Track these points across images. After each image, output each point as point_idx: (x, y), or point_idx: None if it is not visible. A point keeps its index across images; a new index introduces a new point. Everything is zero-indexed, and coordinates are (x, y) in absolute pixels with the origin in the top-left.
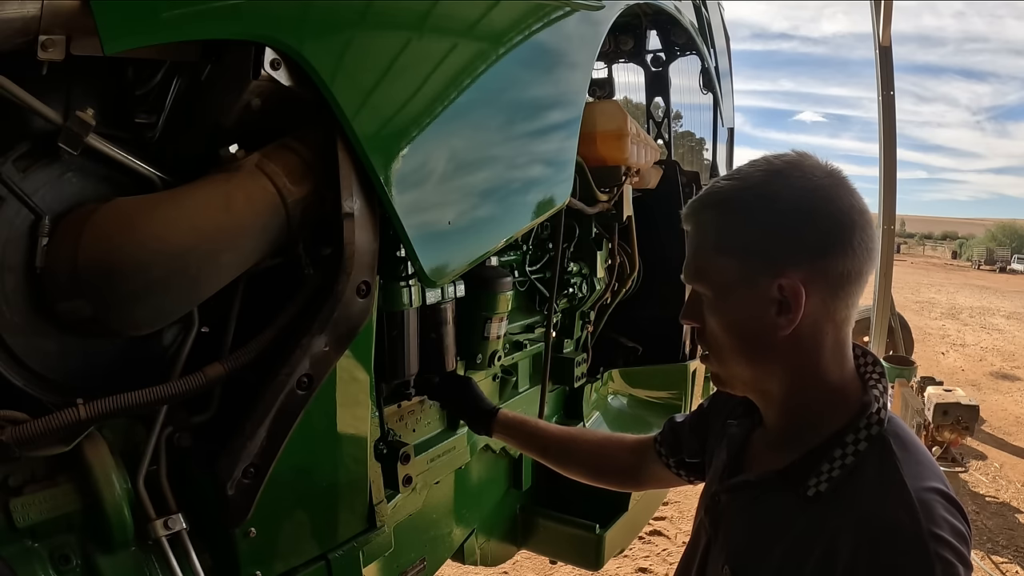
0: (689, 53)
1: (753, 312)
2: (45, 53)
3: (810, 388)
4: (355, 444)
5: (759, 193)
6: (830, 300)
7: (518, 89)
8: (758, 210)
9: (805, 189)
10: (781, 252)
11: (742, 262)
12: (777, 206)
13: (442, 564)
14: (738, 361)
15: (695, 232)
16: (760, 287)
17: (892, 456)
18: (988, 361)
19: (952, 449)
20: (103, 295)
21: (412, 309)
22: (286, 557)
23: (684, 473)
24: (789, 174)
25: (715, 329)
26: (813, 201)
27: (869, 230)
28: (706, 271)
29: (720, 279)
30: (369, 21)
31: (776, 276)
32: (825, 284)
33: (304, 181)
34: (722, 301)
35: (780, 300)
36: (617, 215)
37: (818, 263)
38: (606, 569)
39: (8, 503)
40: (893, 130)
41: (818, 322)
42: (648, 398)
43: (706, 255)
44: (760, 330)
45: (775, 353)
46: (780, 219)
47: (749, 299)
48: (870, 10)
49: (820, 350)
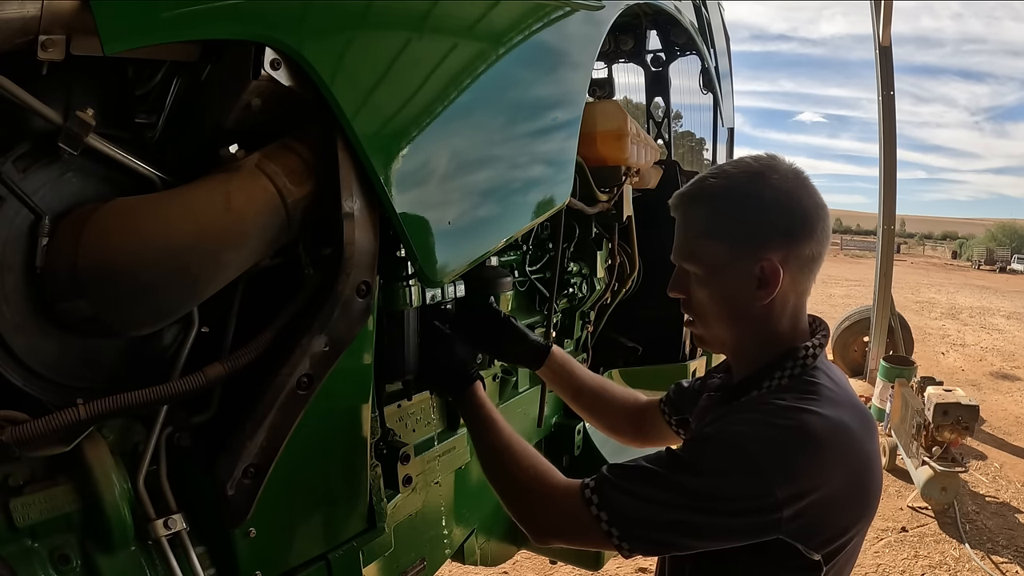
0: (689, 53)
1: (738, 286)
2: (45, 53)
3: (769, 343)
4: (355, 444)
5: (745, 191)
6: (798, 276)
7: (518, 89)
8: (744, 205)
9: (781, 188)
10: (763, 239)
11: (731, 246)
12: (760, 203)
13: (442, 564)
14: (720, 325)
15: (686, 220)
16: (745, 266)
17: (790, 392)
18: (988, 361)
19: (952, 449)
20: (103, 295)
21: (412, 309)
22: (286, 557)
23: (682, 432)
24: (768, 175)
25: (703, 299)
26: (787, 198)
27: (828, 220)
28: (698, 253)
29: (711, 260)
30: (369, 21)
31: (758, 258)
32: (796, 264)
33: (304, 181)
34: (712, 277)
35: (760, 277)
36: (617, 215)
37: (792, 247)
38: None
39: (8, 503)
40: (893, 130)
41: (786, 293)
42: None
43: (698, 240)
44: (743, 300)
45: (751, 318)
46: (762, 213)
47: (736, 276)
48: (870, 10)
49: (783, 315)
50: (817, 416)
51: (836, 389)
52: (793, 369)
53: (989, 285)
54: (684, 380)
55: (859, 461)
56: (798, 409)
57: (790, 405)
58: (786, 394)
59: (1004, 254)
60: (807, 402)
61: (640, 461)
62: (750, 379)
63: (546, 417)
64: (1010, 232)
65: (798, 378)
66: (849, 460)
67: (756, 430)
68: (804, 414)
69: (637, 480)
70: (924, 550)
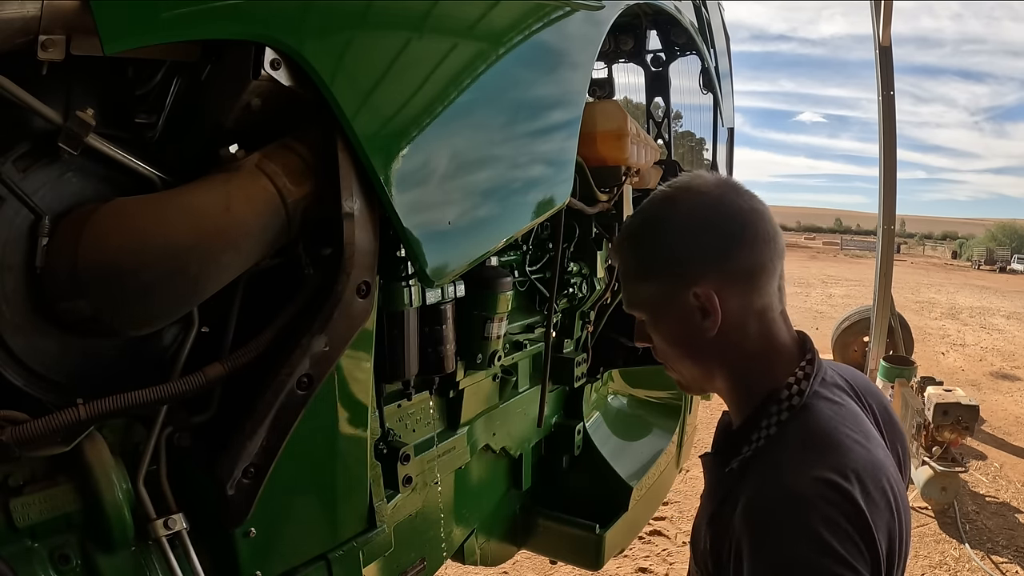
0: (689, 53)
1: (681, 322)
2: (45, 53)
3: (740, 378)
4: (355, 444)
5: (656, 221)
6: (744, 294)
7: (518, 89)
8: (659, 235)
9: (695, 205)
10: (688, 266)
11: (660, 283)
12: (673, 228)
13: (442, 564)
14: (685, 365)
15: (620, 266)
16: (679, 300)
17: (786, 447)
18: (988, 361)
19: (952, 449)
20: (103, 295)
21: (412, 309)
22: (286, 557)
23: None
24: (679, 198)
25: (660, 343)
26: (704, 213)
27: (763, 224)
28: (635, 298)
29: (648, 302)
30: (369, 21)
31: (689, 287)
32: (735, 282)
33: (304, 181)
34: (656, 319)
35: (699, 307)
36: (617, 215)
37: (723, 266)
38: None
39: (8, 503)
40: (893, 130)
41: (739, 315)
42: (648, 398)
43: (632, 285)
44: (692, 335)
45: (710, 351)
46: (678, 238)
47: (675, 312)
48: (870, 10)
49: (745, 342)
50: (825, 479)
51: (840, 415)
52: (779, 415)
53: (989, 285)
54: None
55: (882, 488)
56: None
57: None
58: (779, 455)
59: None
60: (810, 461)
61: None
62: (736, 434)
63: (546, 417)
64: (1010, 232)
65: (786, 427)
66: (875, 496)
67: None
68: (815, 485)
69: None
70: (924, 550)
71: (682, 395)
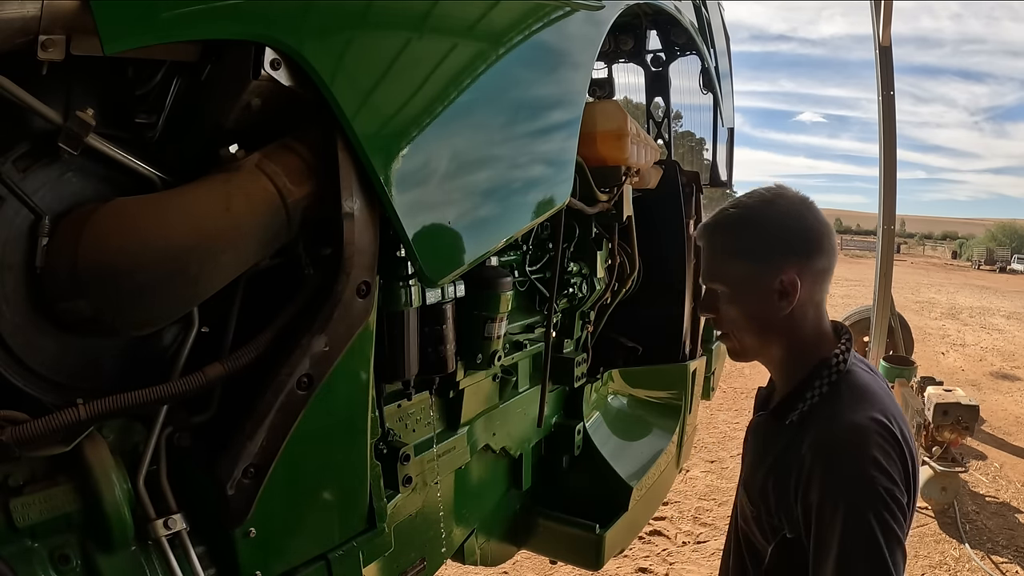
0: (689, 53)
1: (762, 299)
2: (45, 53)
3: (796, 351)
4: (355, 444)
5: (757, 215)
6: (813, 287)
7: (518, 89)
8: (760, 226)
9: (791, 212)
10: (780, 256)
11: (752, 265)
12: (773, 223)
13: (442, 564)
14: (750, 336)
15: (712, 245)
16: (765, 281)
17: (840, 398)
18: (988, 361)
19: (952, 449)
20: (103, 295)
21: (412, 309)
22: (286, 557)
23: None
24: (776, 201)
25: (732, 315)
26: (797, 221)
27: (832, 237)
28: (724, 273)
29: (735, 278)
30: (369, 21)
31: (778, 273)
32: (810, 276)
33: (304, 181)
34: (737, 294)
35: (781, 290)
36: (617, 215)
37: (805, 262)
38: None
39: (8, 503)
40: (893, 130)
41: (804, 304)
42: (648, 398)
43: (720, 263)
44: (768, 312)
45: (776, 328)
46: (778, 234)
47: (758, 291)
48: (870, 10)
49: (804, 323)
50: (876, 417)
51: (875, 380)
52: (830, 377)
53: (989, 285)
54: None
55: (908, 439)
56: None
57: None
58: (835, 405)
59: (1004, 254)
60: (863, 407)
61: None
62: (792, 395)
63: (546, 417)
64: (1010, 232)
65: (838, 385)
66: (908, 435)
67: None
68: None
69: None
70: (924, 550)
71: (682, 395)
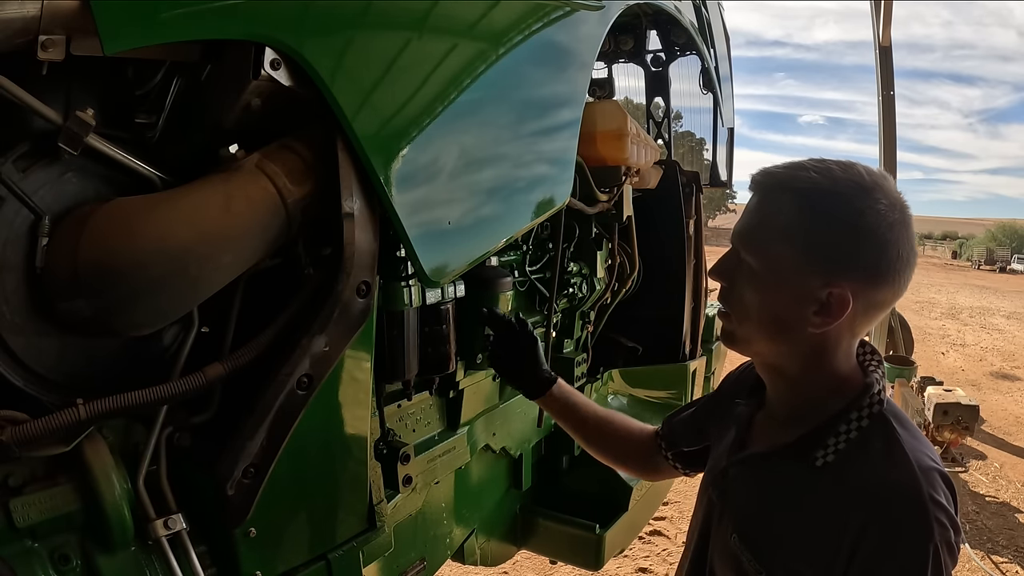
0: (689, 53)
1: (794, 301)
2: (45, 53)
3: (820, 375)
4: (355, 444)
5: (845, 203)
6: (861, 317)
7: (518, 89)
8: (838, 217)
9: (885, 219)
10: (843, 263)
11: (803, 255)
12: (859, 222)
13: (442, 564)
14: (760, 333)
15: (764, 205)
16: (808, 281)
17: (894, 432)
18: (988, 361)
19: (952, 449)
20: (103, 295)
21: (412, 309)
22: (286, 557)
23: (680, 466)
24: (876, 197)
25: (748, 298)
26: (888, 234)
27: (910, 273)
28: (763, 247)
29: (774, 259)
30: (369, 21)
31: (829, 281)
32: (865, 303)
33: (304, 181)
34: (768, 279)
35: (823, 302)
36: (617, 215)
37: (868, 285)
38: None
39: (8, 503)
40: (893, 129)
41: (842, 329)
42: (648, 398)
43: (769, 233)
44: (793, 318)
45: (798, 340)
46: (856, 235)
47: (795, 289)
48: (870, 10)
49: (836, 349)
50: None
51: (912, 430)
52: (860, 421)
53: (989, 285)
54: (674, 413)
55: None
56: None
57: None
58: (891, 445)
59: (1004, 254)
60: (921, 454)
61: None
62: (820, 431)
63: (546, 417)
64: (1010, 232)
65: (870, 431)
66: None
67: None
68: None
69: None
70: None
71: (682, 395)
